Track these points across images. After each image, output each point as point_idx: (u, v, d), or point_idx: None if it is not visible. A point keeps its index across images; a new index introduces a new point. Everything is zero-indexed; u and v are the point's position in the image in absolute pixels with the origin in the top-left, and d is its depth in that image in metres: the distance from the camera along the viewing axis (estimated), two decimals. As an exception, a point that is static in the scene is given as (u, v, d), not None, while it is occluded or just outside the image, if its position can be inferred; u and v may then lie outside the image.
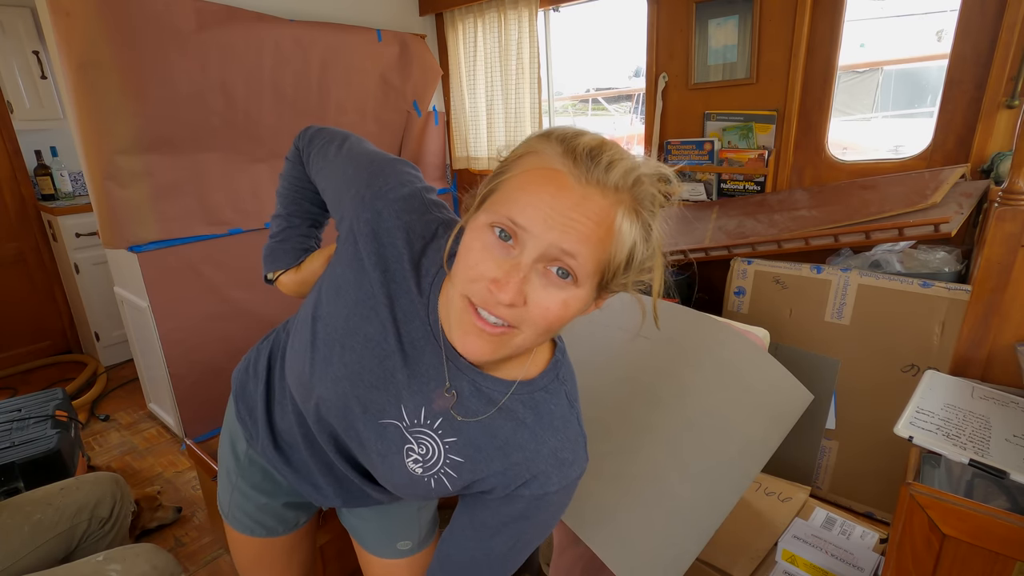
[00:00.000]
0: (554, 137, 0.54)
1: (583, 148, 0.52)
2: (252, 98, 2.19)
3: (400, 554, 0.96)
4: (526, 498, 0.66)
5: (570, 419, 0.66)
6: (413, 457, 0.67)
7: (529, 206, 0.51)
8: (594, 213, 0.51)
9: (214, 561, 1.71)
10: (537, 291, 0.53)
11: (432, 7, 2.80)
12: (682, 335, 1.40)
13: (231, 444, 0.93)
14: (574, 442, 0.66)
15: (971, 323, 1.04)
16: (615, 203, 0.52)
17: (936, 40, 4.28)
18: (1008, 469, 0.76)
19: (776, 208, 1.96)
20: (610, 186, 0.52)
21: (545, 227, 0.51)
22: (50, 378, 2.94)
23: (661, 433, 1.13)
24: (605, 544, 0.92)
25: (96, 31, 1.77)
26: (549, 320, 0.54)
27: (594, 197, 0.51)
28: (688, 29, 2.17)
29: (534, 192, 0.51)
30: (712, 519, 1.03)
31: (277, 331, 0.88)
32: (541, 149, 0.54)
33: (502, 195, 0.54)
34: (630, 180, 0.52)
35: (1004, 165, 1.63)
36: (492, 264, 0.53)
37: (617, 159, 0.52)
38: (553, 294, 0.53)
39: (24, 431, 1.71)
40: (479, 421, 0.65)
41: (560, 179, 0.51)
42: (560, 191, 0.51)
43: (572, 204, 0.51)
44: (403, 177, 0.69)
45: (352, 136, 0.80)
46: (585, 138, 0.53)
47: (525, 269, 0.52)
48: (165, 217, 2.04)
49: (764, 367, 1.38)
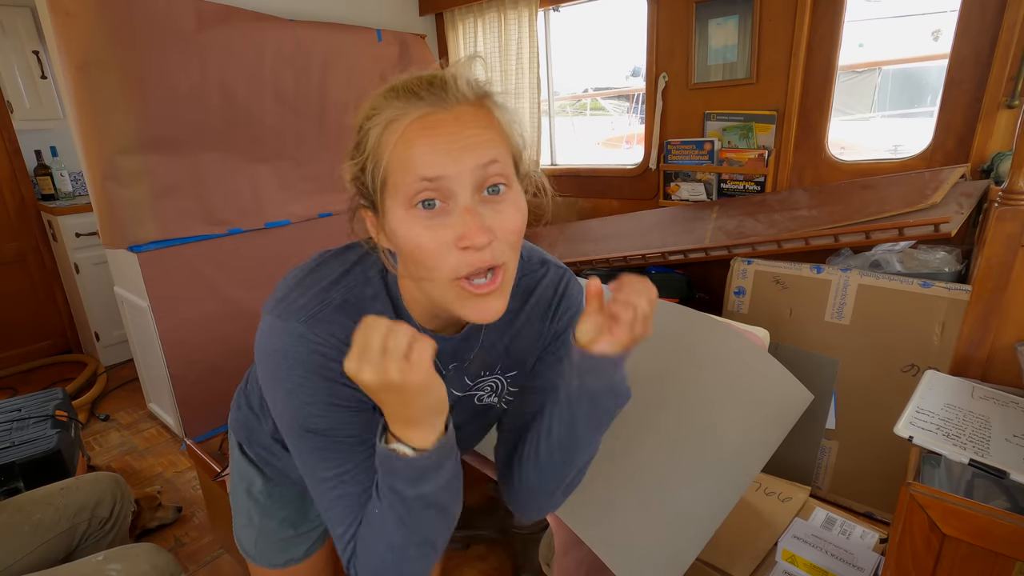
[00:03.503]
0: (390, 98, 0.55)
1: (421, 85, 0.54)
2: (252, 98, 2.19)
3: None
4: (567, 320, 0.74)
5: (542, 264, 0.75)
6: (484, 400, 0.74)
7: (427, 155, 0.52)
8: (476, 121, 0.54)
9: (214, 561, 1.71)
10: (493, 217, 0.54)
11: (432, 7, 2.80)
12: (682, 335, 1.40)
13: (246, 489, 0.92)
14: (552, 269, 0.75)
15: (971, 323, 1.04)
16: (481, 104, 0.55)
17: (933, 40, 4.28)
18: (1008, 469, 0.76)
19: (776, 208, 1.96)
20: (467, 96, 0.54)
21: (455, 161, 0.52)
22: (50, 378, 2.94)
23: (661, 433, 1.13)
24: (605, 544, 0.92)
25: (96, 31, 1.77)
26: (518, 232, 0.56)
27: (465, 110, 0.54)
28: (688, 29, 2.17)
29: (421, 144, 0.52)
30: (712, 519, 1.03)
31: (251, 369, 0.88)
32: (391, 115, 0.54)
33: (396, 173, 0.54)
34: (476, 84, 0.56)
35: (1004, 165, 1.63)
36: (443, 232, 0.53)
37: (448, 76, 0.55)
38: (505, 210, 0.55)
39: (24, 431, 1.71)
40: (502, 340, 0.71)
41: (429, 120, 0.53)
42: (439, 127, 0.52)
43: (456, 128, 0.53)
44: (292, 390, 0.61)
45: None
46: (411, 80, 0.55)
47: (472, 209, 0.53)
48: (165, 217, 2.04)
49: (764, 367, 1.38)
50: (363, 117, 0.57)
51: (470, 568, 1.63)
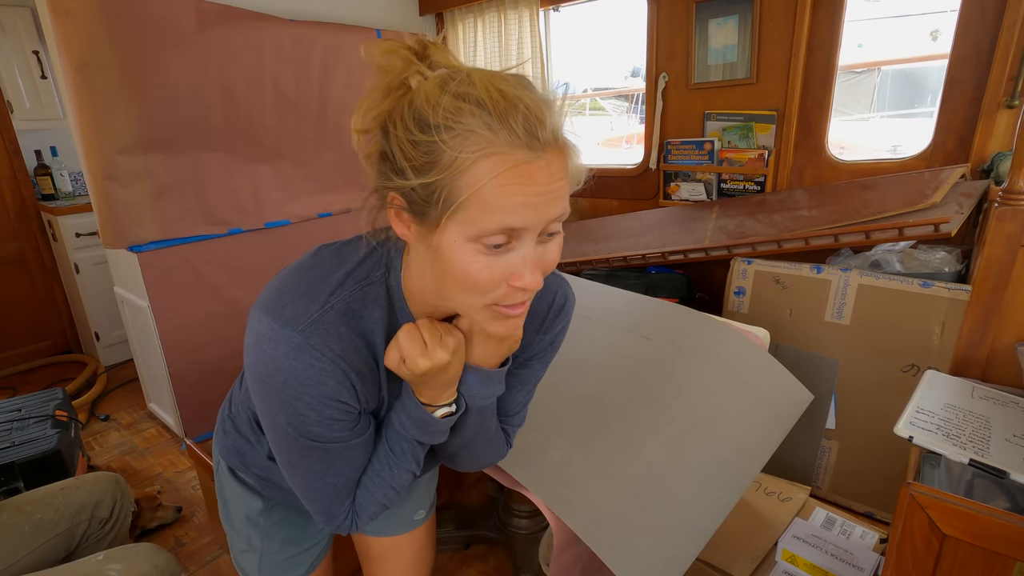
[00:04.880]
0: (480, 117, 0.49)
1: (516, 115, 0.49)
2: (252, 98, 2.19)
3: (416, 524, 1.00)
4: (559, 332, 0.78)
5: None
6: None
7: (518, 208, 0.50)
8: (560, 171, 0.52)
9: (214, 561, 1.71)
10: (542, 255, 0.55)
11: (432, 7, 2.80)
12: (682, 335, 1.40)
13: (244, 516, 0.91)
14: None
15: (971, 323, 1.04)
16: (563, 149, 0.53)
17: (931, 40, 4.29)
18: (1008, 469, 0.76)
19: (776, 208, 1.96)
20: (556, 141, 0.52)
21: (539, 215, 0.51)
22: (50, 378, 2.94)
23: (661, 433, 1.13)
24: (605, 544, 0.92)
25: (96, 31, 1.77)
26: (555, 265, 0.58)
27: (552, 157, 0.51)
28: (688, 29, 2.17)
29: (516, 195, 0.50)
30: (712, 519, 1.03)
31: (233, 390, 0.88)
32: (488, 147, 0.49)
33: (474, 207, 0.50)
34: (562, 123, 0.53)
35: (1004, 165, 1.63)
36: (501, 269, 0.53)
37: (548, 108, 0.51)
38: (552, 247, 0.56)
39: (24, 431, 1.71)
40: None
41: (526, 169, 0.50)
42: (535, 177, 0.50)
43: (547, 182, 0.51)
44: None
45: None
46: (502, 101, 0.49)
47: (533, 254, 0.54)
48: (165, 217, 2.04)
49: (764, 367, 1.38)
50: (432, 119, 0.50)
51: (470, 568, 1.63)
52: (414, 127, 0.51)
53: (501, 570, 1.62)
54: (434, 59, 0.54)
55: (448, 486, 1.81)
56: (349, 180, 2.54)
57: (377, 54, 0.55)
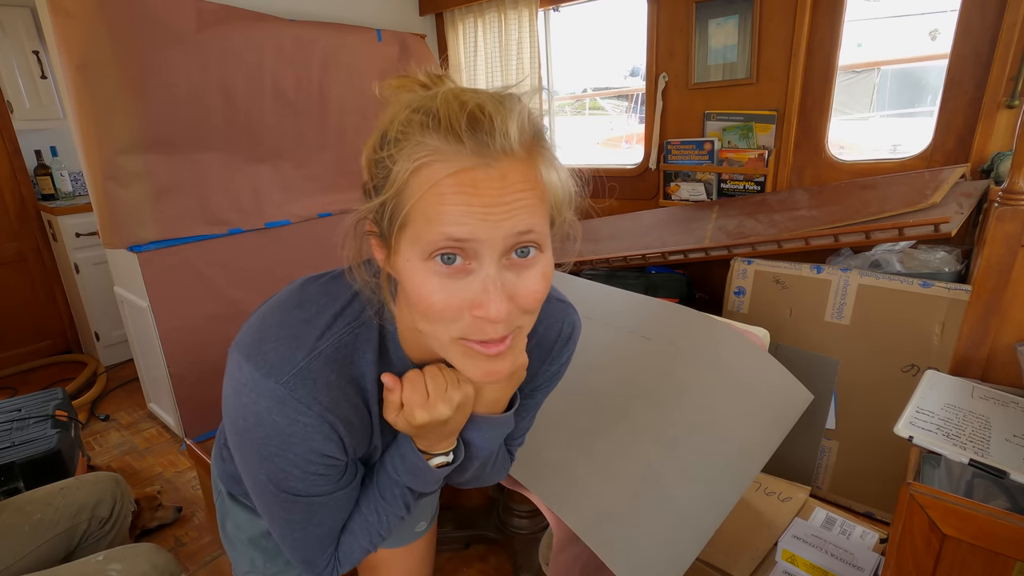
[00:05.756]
0: (424, 127, 0.46)
1: (463, 121, 0.45)
2: (252, 98, 2.19)
3: (417, 536, 1.00)
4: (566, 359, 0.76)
5: (549, 302, 0.72)
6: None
7: (460, 216, 0.45)
8: (522, 182, 0.47)
9: (214, 561, 1.71)
10: (516, 283, 0.49)
11: (432, 7, 2.80)
12: (682, 335, 1.40)
13: (247, 538, 0.89)
14: (559, 310, 0.73)
15: (971, 323, 1.04)
16: (530, 158, 0.48)
17: (930, 40, 4.29)
18: (1008, 469, 0.76)
19: (776, 208, 1.96)
20: (515, 147, 0.46)
21: (491, 227, 0.45)
22: (50, 378, 2.94)
23: (661, 433, 1.13)
24: (605, 543, 0.92)
25: (96, 31, 1.77)
26: (539, 300, 0.51)
27: (511, 167, 0.46)
28: (688, 29, 2.17)
29: (455, 204, 0.45)
30: (712, 519, 1.03)
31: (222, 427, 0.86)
32: (423, 157, 0.46)
33: (418, 221, 0.46)
34: (528, 129, 0.48)
35: (1004, 165, 1.63)
36: (459, 294, 0.48)
37: (502, 114, 0.46)
38: (530, 276, 0.49)
39: (24, 431, 1.71)
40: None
41: (468, 177, 0.45)
42: (479, 187, 0.45)
43: (500, 192, 0.45)
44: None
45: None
46: (453, 107, 0.46)
47: (494, 276, 0.47)
48: (165, 217, 2.04)
49: (764, 367, 1.38)
50: (389, 135, 0.48)
51: (470, 568, 1.63)
52: (378, 145, 0.49)
53: (501, 570, 1.62)
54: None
55: (448, 486, 1.81)
56: (349, 180, 2.54)
57: (388, 89, 0.53)
